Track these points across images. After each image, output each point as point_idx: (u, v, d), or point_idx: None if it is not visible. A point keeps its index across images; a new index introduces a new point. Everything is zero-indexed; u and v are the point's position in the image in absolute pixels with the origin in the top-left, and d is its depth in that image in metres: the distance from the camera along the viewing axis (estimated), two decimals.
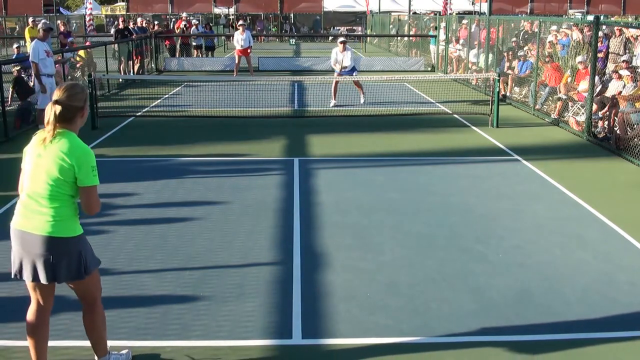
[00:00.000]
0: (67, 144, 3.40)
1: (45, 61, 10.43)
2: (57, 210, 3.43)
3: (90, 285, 3.64)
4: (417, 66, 22.46)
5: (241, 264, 5.47)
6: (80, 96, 3.51)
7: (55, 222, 3.42)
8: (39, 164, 3.43)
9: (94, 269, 3.62)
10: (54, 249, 3.43)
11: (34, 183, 3.45)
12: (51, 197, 3.42)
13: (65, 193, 3.44)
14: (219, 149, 9.95)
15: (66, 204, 3.45)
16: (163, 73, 21.88)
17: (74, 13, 48.63)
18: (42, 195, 3.43)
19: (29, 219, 3.46)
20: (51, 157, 3.39)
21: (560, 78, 12.90)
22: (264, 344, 4.17)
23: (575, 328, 4.39)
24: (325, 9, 46.68)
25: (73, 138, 3.46)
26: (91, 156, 3.45)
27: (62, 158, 3.38)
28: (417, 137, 10.82)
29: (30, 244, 3.44)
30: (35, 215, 3.44)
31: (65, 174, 3.39)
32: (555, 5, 44.74)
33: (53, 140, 3.41)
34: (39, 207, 3.44)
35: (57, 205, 3.43)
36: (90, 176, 3.42)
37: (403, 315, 4.55)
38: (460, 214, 6.83)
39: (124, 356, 3.95)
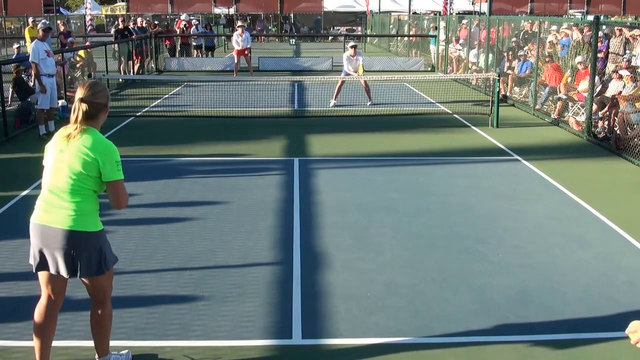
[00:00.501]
0: (91, 139, 3.45)
1: (45, 61, 10.43)
2: (78, 204, 3.46)
3: (105, 282, 3.67)
4: (417, 66, 22.47)
5: (241, 264, 5.47)
6: (103, 93, 3.58)
7: (76, 216, 3.45)
8: (61, 159, 3.46)
9: (112, 266, 3.67)
10: (76, 243, 3.47)
11: (55, 178, 3.48)
12: (73, 191, 3.45)
13: (88, 187, 3.47)
14: (219, 149, 9.95)
15: (88, 198, 3.49)
16: (163, 73, 21.88)
17: (74, 13, 48.63)
18: (63, 190, 3.45)
19: (50, 213, 3.48)
20: (74, 152, 3.43)
21: (560, 78, 12.90)
22: (264, 344, 4.17)
23: (575, 328, 4.39)
24: (325, 9, 46.69)
25: (96, 134, 3.51)
26: (115, 151, 3.50)
27: (85, 153, 3.42)
28: (417, 137, 10.82)
29: (51, 237, 3.47)
30: (57, 209, 3.46)
31: (89, 168, 3.43)
32: (555, 5, 44.76)
33: (77, 136, 3.45)
34: (60, 202, 3.46)
35: (78, 200, 3.46)
36: (115, 170, 3.47)
37: (403, 315, 4.55)
38: (460, 214, 6.83)
39: (123, 356, 3.95)
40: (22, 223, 6.42)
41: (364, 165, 9.07)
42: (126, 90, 16.84)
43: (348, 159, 9.33)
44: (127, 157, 9.36)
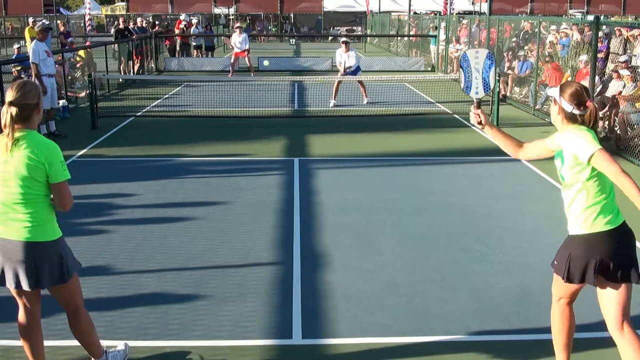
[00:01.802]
0: (33, 143, 3.31)
1: (45, 61, 10.44)
2: (33, 214, 3.35)
3: (72, 289, 3.57)
4: (417, 66, 22.47)
5: (241, 264, 5.47)
6: (33, 93, 3.39)
7: (33, 227, 3.35)
8: (7, 171, 3.32)
9: (75, 273, 3.56)
10: (35, 255, 3.37)
11: (5, 191, 3.35)
12: (25, 201, 3.34)
13: (39, 194, 3.36)
14: (219, 149, 9.95)
15: (42, 206, 3.38)
16: (163, 73, 21.88)
17: (74, 13, 48.62)
18: (15, 201, 3.34)
19: (6, 226, 3.37)
20: (19, 159, 3.29)
21: (561, 78, 12.90)
22: (264, 344, 4.17)
23: (576, 328, 4.38)
24: (325, 9, 46.68)
25: (36, 136, 3.37)
26: (58, 151, 3.38)
27: (30, 158, 3.28)
28: (417, 137, 10.83)
29: (10, 251, 3.37)
30: (13, 222, 3.36)
31: (37, 172, 3.30)
32: (555, 5, 44.76)
33: (17, 142, 3.29)
34: (14, 214, 3.35)
35: (32, 210, 3.35)
36: (61, 171, 3.35)
37: (403, 315, 4.56)
38: (460, 214, 6.83)
39: (121, 353, 3.93)
40: None
41: (364, 165, 9.07)
42: (126, 90, 16.85)
43: (348, 159, 9.33)
44: (127, 157, 9.38)
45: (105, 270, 5.33)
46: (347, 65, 14.03)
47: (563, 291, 3.59)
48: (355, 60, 14.05)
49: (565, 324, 3.64)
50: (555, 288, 3.65)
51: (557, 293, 3.65)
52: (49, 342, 4.11)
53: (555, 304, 3.67)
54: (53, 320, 4.43)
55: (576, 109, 3.36)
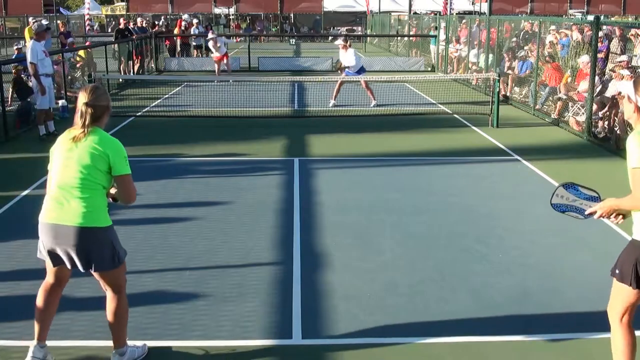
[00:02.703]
0: (99, 137, 3.60)
1: (43, 61, 10.45)
2: (88, 200, 3.54)
3: (119, 275, 3.75)
4: (417, 66, 22.47)
5: (241, 264, 5.47)
6: (105, 96, 3.75)
7: (87, 212, 3.53)
8: (70, 157, 3.57)
9: (123, 261, 3.75)
10: (88, 239, 3.55)
11: (65, 175, 3.57)
12: (83, 186, 3.53)
13: (98, 182, 3.57)
14: (219, 149, 9.95)
15: (97, 194, 3.58)
16: (163, 73, 21.88)
17: (74, 13, 48.62)
18: (73, 185, 3.54)
19: (60, 211, 3.55)
20: (84, 148, 3.55)
21: (560, 78, 12.90)
22: (264, 344, 4.17)
23: (575, 328, 4.39)
24: (325, 9, 46.67)
25: (102, 133, 3.66)
26: (122, 147, 3.66)
27: (95, 148, 3.54)
28: (417, 137, 10.83)
29: (63, 235, 3.54)
30: (67, 206, 3.54)
31: (99, 162, 3.54)
32: (555, 5, 44.75)
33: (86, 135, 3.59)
34: (71, 198, 3.54)
35: (88, 195, 3.54)
36: (124, 165, 3.62)
37: (403, 315, 4.55)
38: (460, 214, 6.83)
39: (139, 350, 4.01)
40: (22, 223, 6.44)
41: (364, 165, 9.07)
42: (126, 90, 16.84)
43: (348, 159, 9.33)
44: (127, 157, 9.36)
45: None
46: (346, 64, 13.99)
47: (628, 301, 3.31)
48: (355, 59, 14.01)
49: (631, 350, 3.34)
50: (617, 302, 3.36)
51: (620, 307, 3.35)
52: (48, 342, 4.10)
53: (617, 324, 3.37)
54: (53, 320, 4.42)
55: None
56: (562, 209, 3.57)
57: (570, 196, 3.54)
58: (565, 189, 3.53)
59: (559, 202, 3.55)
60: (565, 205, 3.56)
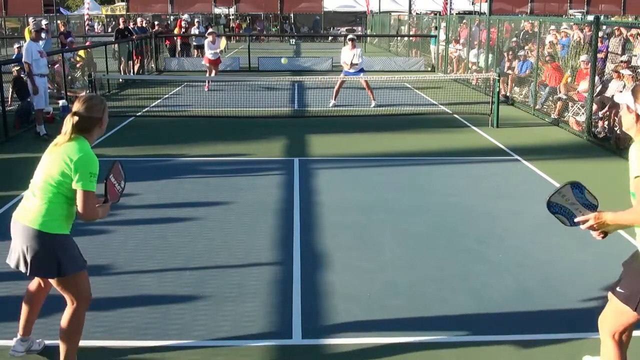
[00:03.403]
0: (74, 147, 3.51)
1: (38, 62, 10.46)
2: (45, 204, 3.51)
3: (67, 287, 3.62)
4: (417, 66, 22.47)
5: (241, 264, 5.47)
6: (98, 107, 3.62)
7: (39, 216, 3.50)
8: (45, 161, 3.56)
9: (72, 274, 3.58)
10: (31, 241, 3.50)
11: (36, 177, 3.59)
12: (45, 191, 3.51)
13: (60, 192, 3.51)
14: (219, 149, 9.95)
15: (57, 201, 3.52)
16: (163, 73, 21.88)
17: (74, 13, 48.62)
18: (38, 188, 3.54)
19: (22, 209, 3.59)
20: (57, 156, 3.51)
21: (560, 78, 12.90)
22: (264, 344, 4.17)
23: (575, 328, 4.39)
24: (325, 9, 46.68)
25: (82, 143, 3.55)
26: (93, 163, 3.52)
27: (64, 159, 3.48)
28: (417, 137, 10.83)
29: (16, 232, 3.57)
30: (28, 206, 3.56)
31: (64, 173, 3.47)
32: (555, 5, 44.76)
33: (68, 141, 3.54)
34: (32, 199, 3.55)
35: (47, 201, 3.51)
36: (86, 180, 3.46)
37: (403, 315, 4.56)
38: (460, 214, 6.83)
39: None
40: None
41: (364, 165, 9.07)
42: (126, 90, 16.84)
43: (348, 159, 9.33)
44: (128, 157, 9.37)
45: (105, 270, 5.33)
46: (353, 62, 13.94)
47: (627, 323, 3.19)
48: (360, 58, 13.99)
49: None
50: (614, 320, 3.24)
51: (617, 326, 3.23)
52: (48, 342, 4.11)
53: (609, 339, 3.27)
54: (52, 320, 4.42)
55: None
56: (555, 210, 3.44)
57: (571, 197, 3.41)
58: (572, 188, 3.39)
59: (556, 202, 3.41)
60: (560, 206, 3.42)
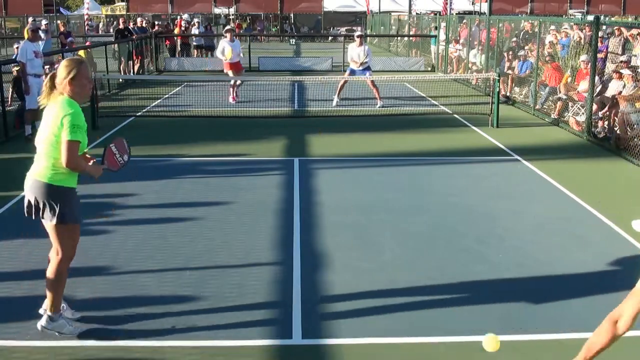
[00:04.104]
0: (60, 105, 3.98)
1: (33, 62, 10.46)
2: (51, 160, 3.98)
3: (60, 236, 4.11)
4: (417, 66, 22.47)
5: (241, 264, 5.47)
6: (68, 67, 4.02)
7: (46, 170, 4.00)
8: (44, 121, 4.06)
9: (69, 223, 4.08)
10: (39, 191, 4.01)
11: (38, 136, 4.09)
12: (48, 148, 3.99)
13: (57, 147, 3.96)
14: (219, 149, 9.95)
15: (59, 156, 3.95)
16: (163, 73, 21.87)
17: (74, 13, 48.64)
18: (41, 145, 4.04)
19: (33, 166, 4.10)
20: (49, 116, 4.01)
21: (560, 78, 12.90)
22: (264, 344, 4.17)
23: (575, 328, 4.39)
24: (325, 9, 46.70)
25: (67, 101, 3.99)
26: (77, 116, 3.95)
27: (54, 117, 3.95)
28: (417, 137, 10.83)
29: (27, 184, 4.09)
30: (37, 162, 4.07)
31: (59, 130, 3.93)
32: (555, 5, 44.77)
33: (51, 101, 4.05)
34: (40, 156, 4.06)
35: (51, 156, 3.98)
36: (68, 131, 3.90)
37: (403, 315, 4.55)
38: (460, 214, 6.83)
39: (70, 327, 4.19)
40: (22, 223, 6.43)
41: (364, 165, 9.07)
42: (126, 90, 16.84)
43: (348, 159, 9.33)
44: None
45: (105, 270, 5.33)
46: (361, 60, 13.89)
47: None
48: (367, 56, 13.88)
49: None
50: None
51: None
52: (48, 342, 4.12)
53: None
54: None
55: None
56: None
57: None
58: None
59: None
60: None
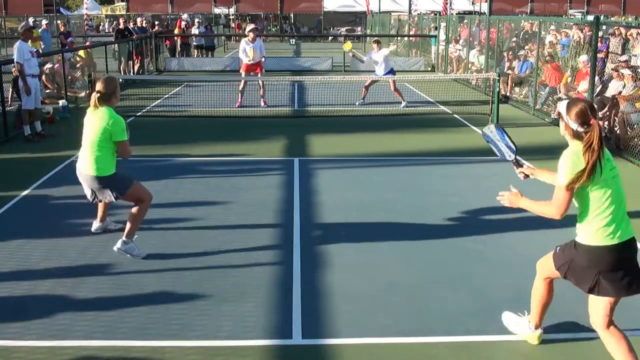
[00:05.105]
0: (106, 115, 5.33)
1: (29, 62, 10.46)
2: (97, 156, 5.33)
3: (131, 198, 5.52)
4: (417, 66, 22.47)
5: (241, 264, 5.47)
6: (112, 84, 5.43)
7: (95, 165, 5.33)
8: (88, 125, 5.42)
9: (129, 188, 5.46)
10: (95, 183, 5.39)
11: (84, 138, 5.42)
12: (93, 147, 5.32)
13: (104, 146, 5.32)
14: (219, 149, 9.95)
15: (104, 152, 5.33)
16: (163, 73, 21.87)
17: (74, 13, 48.63)
18: (88, 145, 5.37)
19: (82, 163, 5.42)
20: (95, 121, 5.34)
21: (560, 78, 12.90)
22: (264, 344, 4.17)
23: (576, 328, 4.39)
24: (325, 9, 46.68)
25: (109, 110, 5.37)
26: (121, 122, 5.35)
27: (102, 123, 5.29)
28: (417, 137, 10.83)
29: (83, 179, 5.47)
30: (85, 160, 5.39)
31: (104, 132, 5.29)
32: (555, 5, 44.75)
33: (96, 110, 5.38)
34: (86, 154, 5.39)
35: (97, 153, 5.32)
36: (120, 134, 5.33)
37: (403, 315, 4.56)
38: (460, 214, 6.83)
39: (137, 251, 5.49)
40: (22, 223, 6.44)
41: (364, 165, 9.07)
42: (126, 90, 16.82)
43: (348, 159, 9.33)
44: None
45: (106, 270, 5.33)
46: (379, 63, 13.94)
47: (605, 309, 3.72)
48: (385, 58, 13.94)
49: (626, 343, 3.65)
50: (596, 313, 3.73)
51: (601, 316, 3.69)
52: (48, 342, 4.12)
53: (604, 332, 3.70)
54: (53, 320, 4.43)
55: (580, 127, 3.56)
56: (487, 139, 4.45)
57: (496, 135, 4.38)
58: (496, 128, 4.39)
59: (487, 134, 4.43)
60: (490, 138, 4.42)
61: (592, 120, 3.54)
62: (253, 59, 13.70)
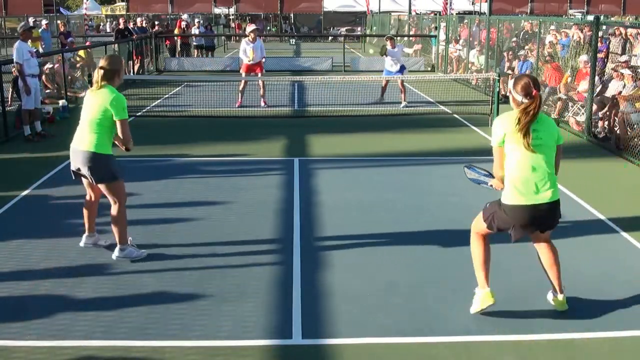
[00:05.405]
0: (108, 93, 5.21)
1: (29, 62, 10.46)
2: (96, 134, 5.21)
3: (112, 191, 5.32)
4: (417, 66, 22.47)
5: (241, 264, 5.47)
6: (116, 62, 5.43)
7: (92, 142, 5.21)
8: (89, 103, 5.27)
9: (115, 180, 5.30)
10: (90, 160, 5.22)
11: (83, 115, 5.30)
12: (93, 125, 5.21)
13: (103, 124, 5.21)
14: (219, 149, 9.95)
15: (102, 131, 5.23)
16: (163, 73, 21.87)
17: (74, 13, 48.63)
18: (87, 123, 5.25)
19: (80, 139, 5.28)
20: (97, 100, 5.21)
21: (560, 78, 12.90)
22: (264, 344, 4.17)
23: (575, 328, 4.39)
24: (325, 9, 46.69)
25: (111, 89, 5.25)
26: (123, 100, 5.23)
27: (103, 102, 5.16)
28: (417, 137, 10.83)
29: (77, 157, 5.28)
30: (82, 136, 5.27)
31: (105, 111, 5.17)
32: (555, 5, 44.76)
33: (98, 90, 5.24)
34: (84, 131, 5.26)
35: (96, 131, 5.21)
36: (121, 112, 5.20)
37: (403, 315, 4.56)
38: (460, 214, 6.82)
39: (137, 252, 5.42)
40: (22, 223, 6.45)
41: (364, 165, 9.07)
42: (126, 90, 16.79)
43: (348, 159, 9.33)
44: (128, 157, 9.35)
45: (106, 270, 5.33)
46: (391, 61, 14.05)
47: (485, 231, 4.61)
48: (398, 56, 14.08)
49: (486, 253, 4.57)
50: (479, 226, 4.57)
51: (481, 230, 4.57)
52: (48, 342, 4.12)
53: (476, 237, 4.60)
54: (53, 320, 4.43)
55: (525, 99, 4.09)
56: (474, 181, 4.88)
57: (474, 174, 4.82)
58: (469, 169, 4.85)
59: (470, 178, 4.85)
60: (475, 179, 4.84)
61: (534, 92, 4.04)
62: (253, 59, 13.69)
